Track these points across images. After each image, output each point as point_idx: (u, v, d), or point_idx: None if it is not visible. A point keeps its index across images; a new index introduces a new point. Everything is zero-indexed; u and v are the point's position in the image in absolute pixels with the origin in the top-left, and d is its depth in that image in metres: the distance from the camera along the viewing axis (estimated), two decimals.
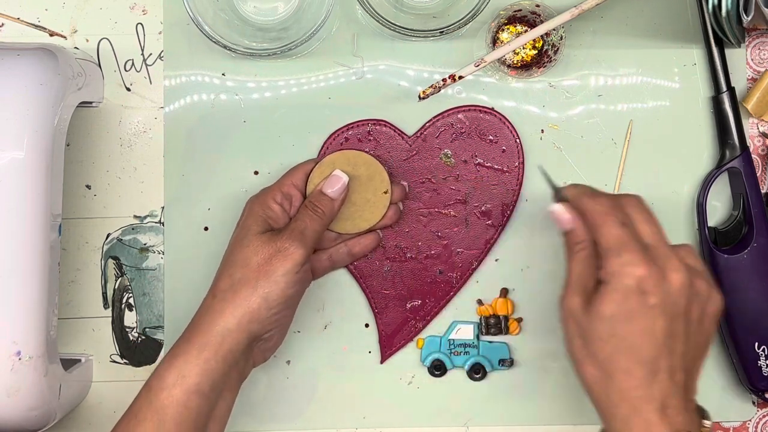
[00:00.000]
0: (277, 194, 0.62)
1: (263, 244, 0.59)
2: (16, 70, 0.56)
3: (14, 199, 0.55)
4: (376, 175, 0.64)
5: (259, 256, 0.58)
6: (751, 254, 0.65)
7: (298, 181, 0.64)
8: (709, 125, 0.68)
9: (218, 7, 0.65)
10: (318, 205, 0.62)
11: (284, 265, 0.58)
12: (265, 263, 0.58)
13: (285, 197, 0.63)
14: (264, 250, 0.59)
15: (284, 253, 0.58)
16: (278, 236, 0.59)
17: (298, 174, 0.64)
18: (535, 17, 0.66)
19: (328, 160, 0.64)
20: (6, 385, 0.55)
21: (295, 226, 0.60)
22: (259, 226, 0.60)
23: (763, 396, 0.66)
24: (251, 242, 0.59)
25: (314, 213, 0.61)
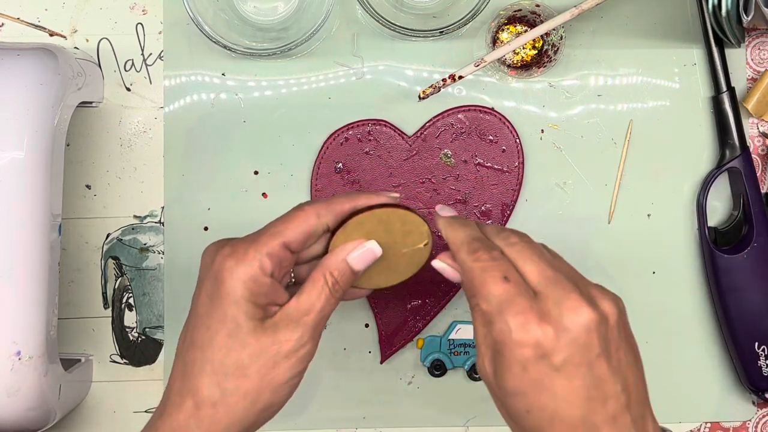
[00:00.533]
0: (266, 262, 0.47)
1: (262, 346, 0.46)
2: (16, 70, 0.56)
3: (14, 199, 0.55)
4: (414, 229, 0.53)
5: (258, 364, 0.46)
6: (751, 254, 0.65)
7: (297, 240, 0.49)
8: (709, 125, 0.68)
9: (218, 7, 0.65)
10: (339, 281, 0.49)
11: (292, 371, 0.47)
12: (267, 372, 0.46)
13: (276, 263, 0.48)
14: (264, 356, 0.46)
15: (293, 357, 0.47)
16: (281, 332, 0.47)
17: (296, 230, 0.49)
18: (535, 17, 0.66)
19: (354, 223, 0.51)
20: (6, 385, 0.55)
21: (305, 314, 0.47)
22: (250, 318, 0.46)
23: (763, 396, 0.66)
24: (246, 344, 0.46)
25: (332, 291, 0.48)
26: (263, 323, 0.47)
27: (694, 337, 0.68)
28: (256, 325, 0.46)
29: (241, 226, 0.67)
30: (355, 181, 0.67)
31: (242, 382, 0.46)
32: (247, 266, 0.46)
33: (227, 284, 0.46)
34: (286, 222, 0.49)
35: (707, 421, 0.69)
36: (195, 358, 0.47)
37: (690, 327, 0.68)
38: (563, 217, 0.68)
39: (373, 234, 0.51)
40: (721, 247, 0.66)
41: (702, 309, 0.68)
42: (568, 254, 0.68)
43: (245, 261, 0.47)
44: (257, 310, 0.47)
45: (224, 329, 0.46)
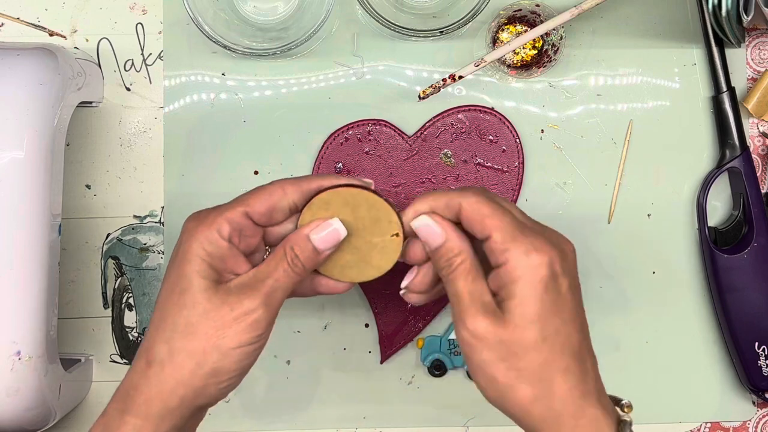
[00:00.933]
0: (224, 226, 0.47)
1: (213, 306, 0.46)
2: (16, 70, 0.56)
3: (14, 199, 0.55)
4: (383, 216, 0.52)
5: (207, 324, 0.46)
6: (751, 254, 0.65)
7: (259, 211, 0.49)
8: (709, 125, 0.68)
9: (218, 7, 0.65)
10: (299, 255, 0.48)
11: (241, 337, 0.46)
12: (215, 333, 0.46)
13: (235, 229, 0.48)
14: (214, 316, 0.46)
15: (242, 321, 0.46)
16: (234, 295, 0.47)
17: (259, 201, 0.49)
18: (535, 17, 0.66)
19: (319, 200, 0.51)
20: (6, 385, 0.55)
21: (260, 281, 0.47)
22: (203, 277, 0.47)
23: (763, 396, 0.66)
24: (196, 302, 0.46)
25: (292, 266, 0.48)
26: (217, 285, 0.47)
27: (694, 337, 0.68)
28: (208, 285, 0.47)
29: None
30: None
31: (189, 341, 0.46)
32: (205, 228, 0.47)
33: (185, 245, 0.48)
34: (252, 193, 0.50)
35: (707, 421, 0.69)
36: (153, 318, 0.48)
37: (690, 327, 0.68)
38: (563, 217, 0.68)
39: (338, 215, 0.51)
40: (721, 247, 0.66)
41: (702, 309, 0.68)
42: None
43: (205, 224, 0.48)
44: (212, 272, 0.47)
45: (178, 287, 0.47)
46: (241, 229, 0.48)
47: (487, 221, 0.47)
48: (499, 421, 0.69)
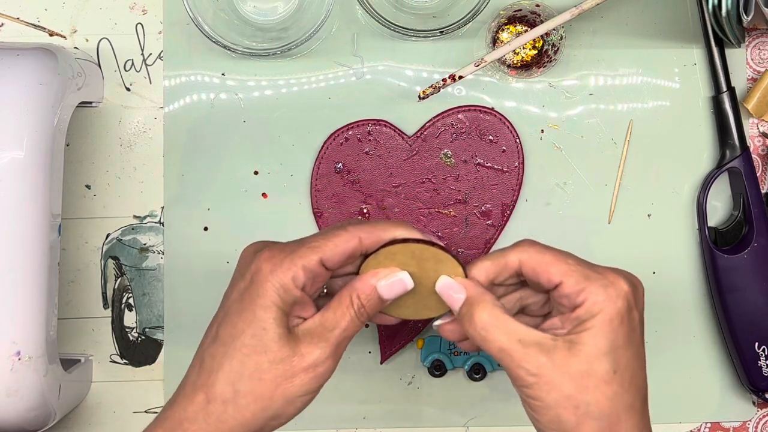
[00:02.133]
0: (300, 274, 0.47)
1: (283, 355, 0.46)
2: (16, 70, 0.56)
3: (14, 199, 0.55)
4: (449, 271, 0.51)
5: (277, 371, 0.46)
6: (751, 254, 0.65)
7: (333, 260, 0.48)
8: (709, 125, 0.68)
9: (218, 7, 0.65)
10: (365, 305, 0.48)
11: (309, 386, 0.47)
12: (284, 381, 0.46)
13: (309, 278, 0.47)
14: (284, 364, 0.46)
15: (311, 372, 0.46)
16: (304, 345, 0.47)
17: (335, 249, 0.48)
18: (535, 17, 0.66)
19: (387, 252, 0.50)
20: (6, 385, 0.55)
21: (329, 331, 0.47)
22: (278, 325, 0.46)
23: (763, 396, 0.66)
24: (268, 349, 0.46)
25: (358, 315, 0.48)
26: (288, 333, 0.46)
27: (694, 337, 0.68)
28: (281, 333, 0.46)
29: (241, 226, 0.68)
30: (355, 181, 0.67)
31: (257, 385, 0.46)
32: (282, 274, 0.46)
33: (261, 287, 0.46)
34: (328, 239, 0.48)
35: (707, 421, 0.69)
36: (216, 353, 0.47)
37: (690, 327, 0.68)
38: (563, 217, 0.68)
39: (404, 266, 0.50)
40: (721, 247, 0.66)
41: (702, 309, 0.68)
42: None
43: (281, 268, 0.46)
44: (285, 319, 0.46)
45: (250, 330, 0.46)
46: (314, 277, 0.47)
47: (553, 269, 0.47)
48: (499, 421, 0.69)
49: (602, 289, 0.46)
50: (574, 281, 0.46)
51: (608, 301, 0.45)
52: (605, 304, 0.45)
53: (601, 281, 0.46)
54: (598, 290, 0.46)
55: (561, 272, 0.47)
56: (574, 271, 0.47)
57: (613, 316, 0.45)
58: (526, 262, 0.48)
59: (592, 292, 0.46)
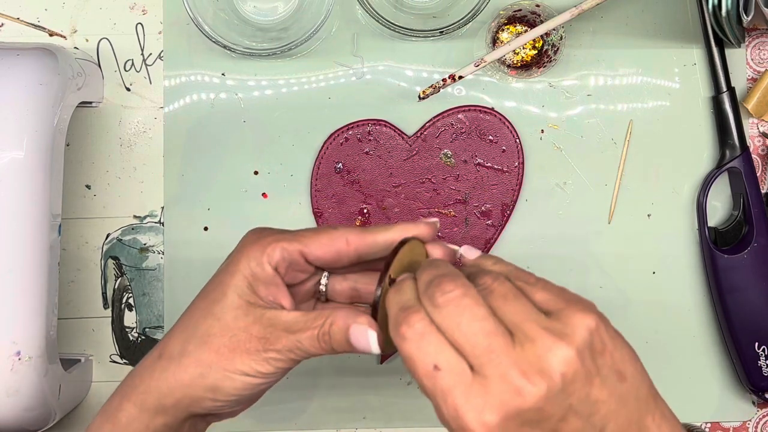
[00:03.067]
0: (276, 253, 0.46)
1: (236, 326, 0.45)
2: (16, 70, 0.56)
3: (14, 199, 0.55)
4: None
5: (224, 340, 0.45)
6: (751, 254, 0.65)
7: (315, 254, 0.47)
8: (709, 125, 0.68)
9: (218, 7, 0.65)
10: (333, 337, 0.45)
11: (249, 367, 0.45)
12: (228, 352, 0.45)
13: (285, 260, 0.46)
14: (233, 335, 0.45)
15: (257, 355, 0.45)
16: (260, 327, 0.45)
17: (318, 245, 0.47)
18: (535, 17, 0.66)
19: (399, 263, 0.45)
20: (6, 385, 0.55)
21: (289, 332, 0.45)
22: (239, 294, 0.46)
23: (763, 396, 0.66)
24: (223, 315, 0.46)
25: (320, 340, 0.45)
26: (249, 307, 0.46)
27: (694, 337, 0.68)
28: (240, 304, 0.46)
29: (241, 226, 0.67)
30: (355, 181, 0.67)
31: (202, 350, 0.45)
32: (257, 248, 0.46)
33: (234, 257, 0.47)
34: (314, 234, 0.47)
35: (707, 421, 0.69)
36: (182, 315, 0.48)
37: (690, 327, 0.68)
38: (563, 217, 0.68)
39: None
40: (721, 247, 0.66)
41: (702, 309, 0.68)
42: (568, 254, 0.68)
43: (259, 243, 0.47)
44: (249, 292, 0.46)
45: (212, 295, 0.47)
46: (291, 263, 0.47)
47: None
48: None
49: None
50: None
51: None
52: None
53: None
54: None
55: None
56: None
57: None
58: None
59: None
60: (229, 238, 0.67)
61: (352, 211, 0.67)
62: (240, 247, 0.48)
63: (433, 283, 0.40)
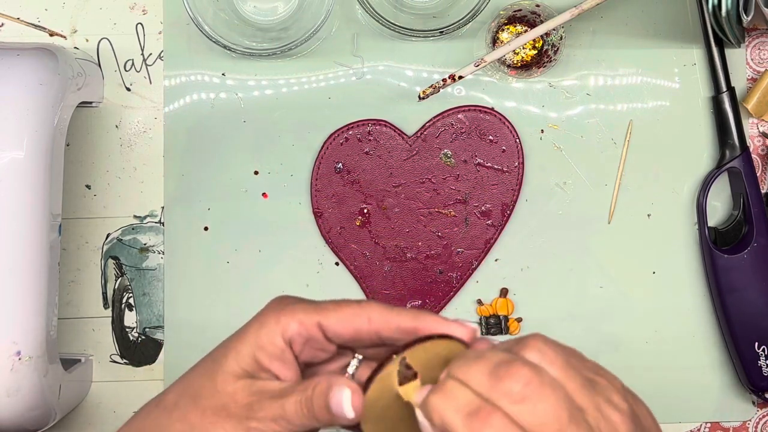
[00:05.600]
0: (292, 326, 0.42)
1: (223, 392, 0.43)
2: (16, 70, 0.56)
3: (14, 199, 0.55)
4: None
5: (210, 402, 0.43)
6: (751, 254, 0.65)
7: (333, 330, 0.43)
8: (709, 125, 0.68)
9: (218, 7, 0.65)
10: (313, 402, 0.42)
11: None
12: (212, 414, 0.43)
13: (301, 335, 0.43)
14: (218, 400, 0.43)
15: (240, 424, 0.42)
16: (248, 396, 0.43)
17: (338, 319, 0.43)
18: (535, 17, 0.66)
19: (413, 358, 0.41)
20: (6, 385, 0.55)
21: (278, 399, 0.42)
22: (240, 360, 0.43)
23: (763, 396, 0.66)
24: (215, 378, 0.43)
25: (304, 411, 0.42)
26: (244, 375, 0.43)
27: (694, 337, 0.68)
28: (236, 370, 0.43)
29: (241, 226, 0.68)
30: (355, 181, 0.67)
31: (190, 407, 0.43)
32: (272, 320, 0.43)
33: (249, 324, 0.44)
34: (337, 306, 0.43)
35: (707, 421, 0.69)
36: (189, 369, 0.46)
37: (690, 327, 0.68)
38: (563, 217, 0.68)
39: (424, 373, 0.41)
40: (721, 247, 0.66)
41: (702, 309, 0.68)
42: (568, 254, 0.68)
43: (276, 315, 0.43)
44: (251, 362, 0.43)
45: (216, 355, 0.45)
46: (308, 339, 0.43)
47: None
48: None
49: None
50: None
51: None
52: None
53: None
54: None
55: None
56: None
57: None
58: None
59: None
60: (229, 238, 0.68)
61: (352, 211, 0.67)
62: (259, 313, 0.44)
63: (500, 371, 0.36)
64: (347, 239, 0.67)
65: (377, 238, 0.67)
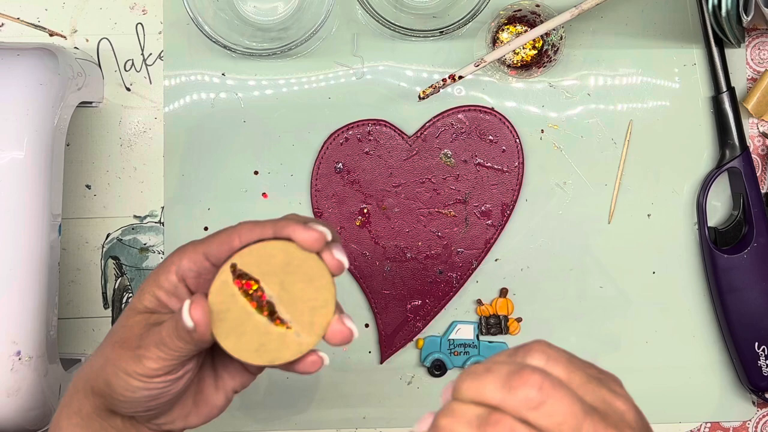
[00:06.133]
0: (183, 263, 0.46)
1: (128, 324, 0.46)
2: (16, 70, 0.56)
3: (14, 199, 0.55)
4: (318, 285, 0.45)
5: (117, 335, 0.46)
6: (751, 254, 0.65)
7: (216, 255, 0.46)
8: (709, 125, 0.68)
9: (218, 7, 0.65)
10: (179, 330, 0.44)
11: (129, 365, 0.45)
12: (118, 347, 0.46)
13: (191, 269, 0.46)
14: (123, 334, 0.46)
15: (133, 353, 0.45)
16: (141, 328, 0.46)
17: (217, 244, 0.46)
18: (535, 17, 0.66)
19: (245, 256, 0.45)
20: (6, 385, 0.55)
21: (156, 333, 0.45)
22: (143, 299, 0.47)
23: (763, 396, 0.66)
24: (126, 316, 0.47)
25: (177, 333, 0.44)
26: (145, 311, 0.46)
27: (694, 337, 0.68)
28: (139, 307, 0.46)
29: None
30: (355, 181, 0.67)
31: (106, 343, 0.47)
32: (168, 261, 0.47)
33: (159, 267, 0.47)
34: (216, 234, 0.47)
35: (707, 421, 0.69)
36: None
37: (690, 327, 0.68)
38: (563, 217, 0.68)
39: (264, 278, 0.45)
40: (721, 247, 0.66)
41: (702, 309, 0.68)
42: (568, 254, 0.68)
43: (171, 257, 0.47)
44: (153, 299, 0.46)
45: (134, 298, 0.48)
46: (199, 271, 0.46)
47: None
48: None
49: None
50: None
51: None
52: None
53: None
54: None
55: None
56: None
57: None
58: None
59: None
60: None
61: (352, 211, 0.67)
62: (168, 256, 0.48)
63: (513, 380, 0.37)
64: (347, 239, 0.67)
65: (377, 238, 0.67)
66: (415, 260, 0.68)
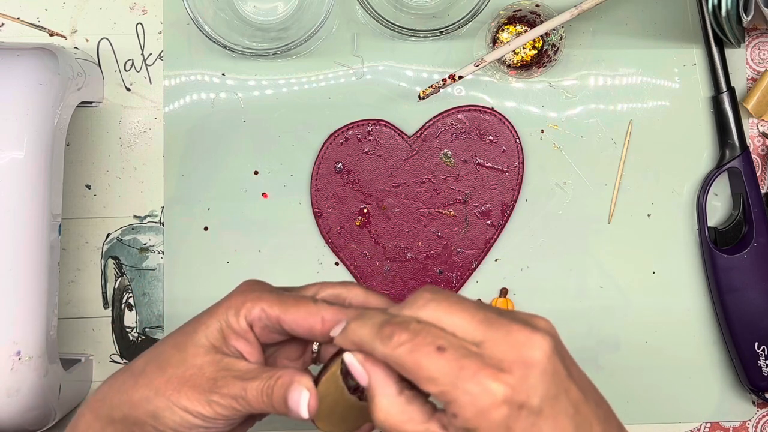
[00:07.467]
0: (254, 311, 0.45)
1: (192, 364, 0.45)
2: (16, 70, 0.56)
3: (14, 199, 0.55)
4: None
5: (177, 372, 0.45)
6: (751, 254, 0.65)
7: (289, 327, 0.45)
8: (709, 125, 0.68)
9: (218, 7, 0.65)
10: (273, 402, 0.45)
11: (191, 405, 0.45)
12: (177, 384, 0.45)
13: (261, 320, 0.46)
14: (185, 372, 0.45)
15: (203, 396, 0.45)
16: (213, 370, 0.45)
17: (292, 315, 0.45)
18: (535, 17, 0.66)
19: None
20: (6, 385, 0.55)
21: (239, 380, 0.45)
22: (209, 335, 0.46)
23: (763, 396, 0.66)
24: (184, 350, 0.46)
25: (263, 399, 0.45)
26: (212, 349, 0.46)
27: (694, 337, 0.68)
28: (205, 344, 0.46)
29: (241, 226, 0.68)
30: (355, 181, 0.67)
31: (156, 374, 0.46)
32: (239, 302, 0.46)
33: (219, 303, 0.47)
34: (296, 303, 0.46)
35: (707, 421, 0.69)
36: (159, 340, 0.49)
37: (690, 327, 0.68)
38: (563, 217, 0.68)
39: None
40: (721, 247, 0.66)
41: (702, 309, 0.68)
42: (568, 254, 0.68)
43: (242, 298, 0.46)
44: (219, 337, 0.46)
45: (186, 329, 0.47)
46: (267, 326, 0.46)
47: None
48: None
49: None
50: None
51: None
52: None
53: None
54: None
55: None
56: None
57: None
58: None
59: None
60: (229, 238, 0.68)
61: (352, 211, 0.67)
62: (229, 294, 0.47)
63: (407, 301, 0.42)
64: (347, 239, 0.67)
65: (377, 238, 0.67)
66: (415, 260, 0.68)
